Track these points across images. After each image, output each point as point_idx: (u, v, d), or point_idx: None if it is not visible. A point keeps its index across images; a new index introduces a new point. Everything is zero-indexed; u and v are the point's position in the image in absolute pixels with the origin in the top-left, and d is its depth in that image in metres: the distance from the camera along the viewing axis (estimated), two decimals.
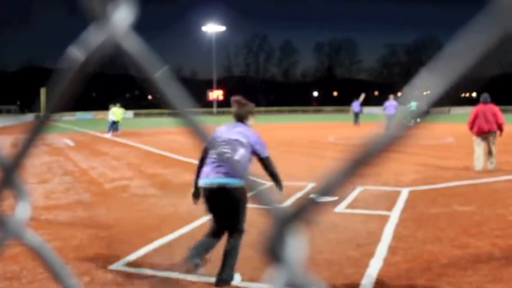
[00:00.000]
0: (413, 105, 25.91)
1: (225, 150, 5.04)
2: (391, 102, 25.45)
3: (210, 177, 5.14)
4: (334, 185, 0.45)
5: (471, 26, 0.37)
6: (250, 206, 5.32)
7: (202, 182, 5.21)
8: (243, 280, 5.25)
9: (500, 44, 0.36)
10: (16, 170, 0.68)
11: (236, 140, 5.21)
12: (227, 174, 5.04)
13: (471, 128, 12.90)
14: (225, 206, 5.22)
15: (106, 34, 0.51)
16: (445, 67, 0.39)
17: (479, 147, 12.76)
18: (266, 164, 5.45)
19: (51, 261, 0.69)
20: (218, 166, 5.11)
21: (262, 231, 0.45)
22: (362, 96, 37.53)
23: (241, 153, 5.17)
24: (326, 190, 0.46)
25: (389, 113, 24.93)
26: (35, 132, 0.63)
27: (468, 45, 0.38)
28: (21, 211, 0.72)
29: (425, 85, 0.40)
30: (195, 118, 0.51)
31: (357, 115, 37.25)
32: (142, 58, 0.50)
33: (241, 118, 5.52)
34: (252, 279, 5.24)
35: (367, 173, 0.42)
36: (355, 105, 37.80)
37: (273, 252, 0.45)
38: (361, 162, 0.42)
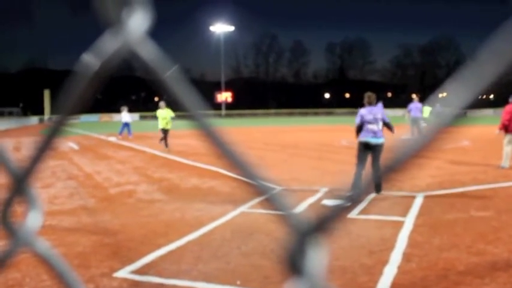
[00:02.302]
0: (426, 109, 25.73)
1: (374, 126, 9.99)
2: (416, 104, 25.05)
3: (369, 138, 9.94)
4: (361, 193, 0.45)
5: (500, 33, 0.38)
6: (260, 211, 5.35)
7: (369, 140, 9.91)
8: None
9: None
10: (28, 177, 0.68)
11: (378, 118, 10.05)
12: (378, 137, 9.97)
13: (505, 127, 13.69)
14: (375, 152, 9.84)
15: (121, 41, 0.52)
16: (475, 74, 0.39)
17: (509, 145, 13.64)
18: (388, 124, 10.24)
19: (62, 271, 0.70)
20: (373, 132, 9.97)
21: (282, 242, 0.46)
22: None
23: (381, 124, 10.08)
24: (352, 199, 0.46)
25: (414, 115, 24.61)
26: (47, 141, 0.64)
27: (497, 52, 0.38)
28: (32, 220, 0.73)
29: (455, 91, 0.41)
30: (207, 120, 0.51)
31: None
32: (158, 65, 0.51)
33: (371, 103, 10.24)
34: None
35: (395, 179, 0.43)
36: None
37: (294, 263, 0.45)
38: (390, 168, 0.42)
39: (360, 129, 10.15)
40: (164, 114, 21.72)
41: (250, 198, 9.19)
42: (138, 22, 0.52)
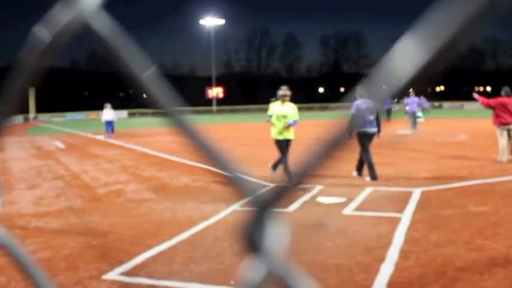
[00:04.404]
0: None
1: (370, 116, 10.89)
2: (412, 99, 24.85)
3: (365, 128, 11.17)
4: (310, 169, 0.45)
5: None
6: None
7: (365, 130, 11.25)
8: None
9: (484, 11, 0.36)
10: None
11: (371, 107, 10.77)
12: (372, 126, 11.39)
13: (488, 104, 13.99)
14: (370, 139, 11.46)
15: (74, 12, 0.51)
16: (426, 35, 0.39)
17: (503, 138, 13.78)
18: (378, 118, 11.52)
19: (22, 261, 0.70)
20: (369, 122, 11.28)
21: (240, 219, 0.46)
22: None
23: (374, 115, 10.76)
24: (302, 175, 0.47)
25: (412, 109, 24.32)
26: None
27: (450, 12, 0.38)
28: None
29: (403, 57, 0.40)
30: (183, 117, 0.51)
31: (388, 112, 36.60)
32: (112, 38, 0.50)
33: (362, 96, 11.58)
34: None
35: (345, 156, 0.44)
36: (388, 102, 37.20)
37: (252, 241, 0.45)
38: (338, 144, 0.43)
39: (354, 118, 11.82)
40: (284, 111, 12.27)
41: (242, 197, 9.17)
42: None
